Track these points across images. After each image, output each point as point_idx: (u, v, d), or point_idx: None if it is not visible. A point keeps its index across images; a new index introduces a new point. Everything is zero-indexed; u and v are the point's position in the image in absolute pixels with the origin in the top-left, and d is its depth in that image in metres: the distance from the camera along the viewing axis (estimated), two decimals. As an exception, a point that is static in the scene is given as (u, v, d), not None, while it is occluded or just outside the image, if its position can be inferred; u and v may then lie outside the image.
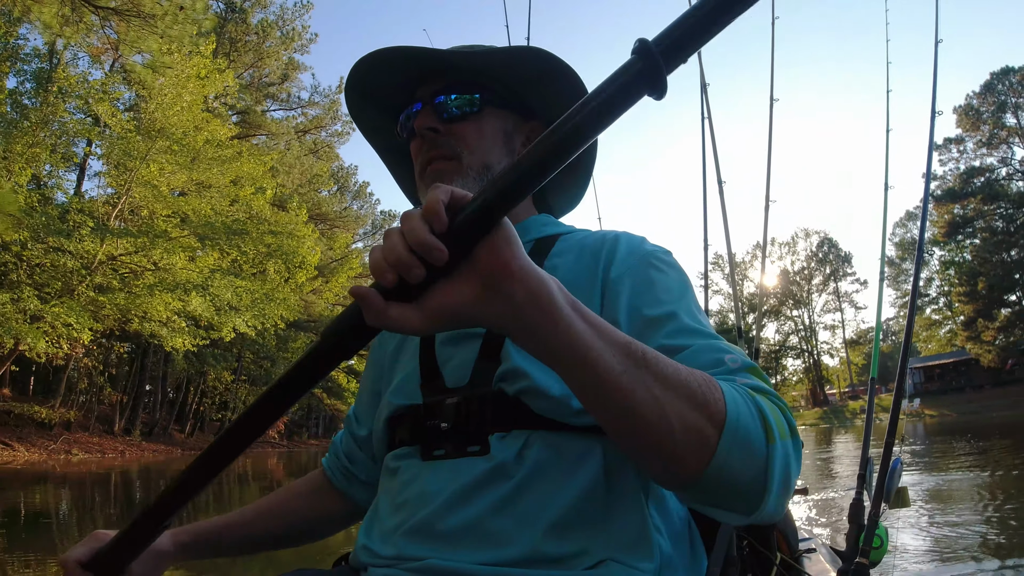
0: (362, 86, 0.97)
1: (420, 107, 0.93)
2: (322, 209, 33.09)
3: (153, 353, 23.50)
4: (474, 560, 0.70)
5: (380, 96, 0.99)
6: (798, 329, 58.73)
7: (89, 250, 14.29)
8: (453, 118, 0.91)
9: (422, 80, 0.95)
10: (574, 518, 0.71)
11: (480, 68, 0.93)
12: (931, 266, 44.97)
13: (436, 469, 0.79)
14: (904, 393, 2.34)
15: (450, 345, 0.87)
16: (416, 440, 0.83)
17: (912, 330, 2.37)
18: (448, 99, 0.91)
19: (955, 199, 38.94)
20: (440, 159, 0.91)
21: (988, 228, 38.11)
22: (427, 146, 0.91)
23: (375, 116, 1.02)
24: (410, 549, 0.75)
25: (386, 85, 0.96)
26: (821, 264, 58.12)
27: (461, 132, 0.91)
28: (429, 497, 0.77)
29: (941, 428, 22.45)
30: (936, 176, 40.53)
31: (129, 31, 11.41)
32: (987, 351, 36.52)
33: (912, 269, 2.47)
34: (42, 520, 6.85)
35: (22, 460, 14.35)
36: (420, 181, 0.94)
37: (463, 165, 0.90)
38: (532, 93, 0.96)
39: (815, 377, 56.59)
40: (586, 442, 0.76)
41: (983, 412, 30.03)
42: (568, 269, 0.86)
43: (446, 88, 0.92)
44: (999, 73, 39.11)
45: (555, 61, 0.92)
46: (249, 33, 27.90)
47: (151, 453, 20.11)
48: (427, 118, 0.91)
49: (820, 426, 33.04)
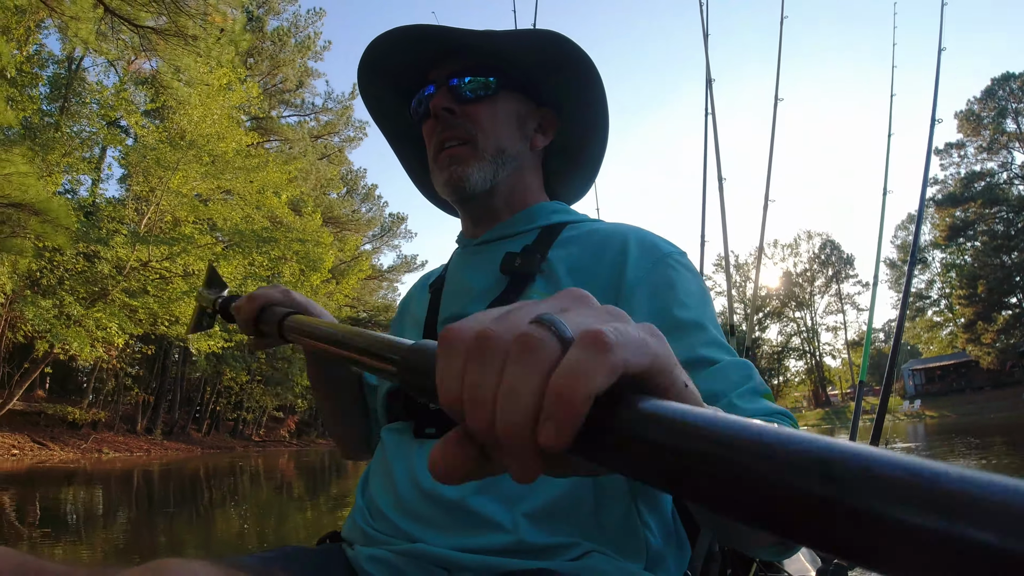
0: (376, 64, 0.96)
1: (434, 89, 0.92)
2: (334, 212, 33.68)
3: (174, 355, 24.16)
4: (461, 546, 0.71)
5: (393, 77, 0.98)
6: (800, 331, 59.09)
7: (122, 256, 14.89)
8: (468, 100, 0.91)
9: (436, 62, 0.94)
10: (561, 507, 0.71)
11: (497, 50, 0.92)
12: (932, 268, 45.35)
13: (426, 447, 0.79)
14: (888, 400, 2.34)
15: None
16: (410, 417, 0.85)
17: (900, 342, 2.40)
18: (463, 81, 0.91)
19: (956, 203, 39.36)
20: (454, 141, 0.91)
21: (988, 232, 38.55)
22: (441, 127, 0.91)
23: (387, 98, 1.02)
24: (402, 523, 0.76)
25: (400, 64, 0.95)
26: (823, 266, 58.48)
27: (476, 114, 0.91)
28: (417, 473, 0.78)
29: (941, 429, 22.83)
30: (938, 180, 41.03)
31: (168, 49, 11.93)
32: (986, 353, 36.95)
33: (915, 272, 2.54)
34: (119, 512, 7.41)
35: (57, 459, 14.94)
36: (433, 163, 0.94)
37: (478, 149, 0.91)
38: (546, 78, 0.96)
39: (817, 378, 56.94)
40: None
41: (982, 413, 30.39)
42: (576, 260, 0.86)
43: (462, 70, 0.91)
44: (1000, 79, 39.53)
45: (572, 47, 0.91)
46: (265, 40, 28.50)
47: (174, 451, 20.70)
48: (443, 99, 0.90)
49: (822, 426, 33.20)
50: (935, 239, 41.40)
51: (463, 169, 0.90)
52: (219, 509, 8.05)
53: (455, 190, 0.92)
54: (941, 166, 41.14)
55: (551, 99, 0.98)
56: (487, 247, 0.95)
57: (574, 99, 0.98)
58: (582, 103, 0.98)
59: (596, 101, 0.98)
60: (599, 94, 0.97)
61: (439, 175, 0.92)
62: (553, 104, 0.99)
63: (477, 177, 0.91)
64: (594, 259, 0.85)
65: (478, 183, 0.91)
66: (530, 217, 0.95)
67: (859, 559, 0.20)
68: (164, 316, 15.37)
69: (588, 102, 0.98)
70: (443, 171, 0.91)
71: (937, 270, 44.96)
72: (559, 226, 0.93)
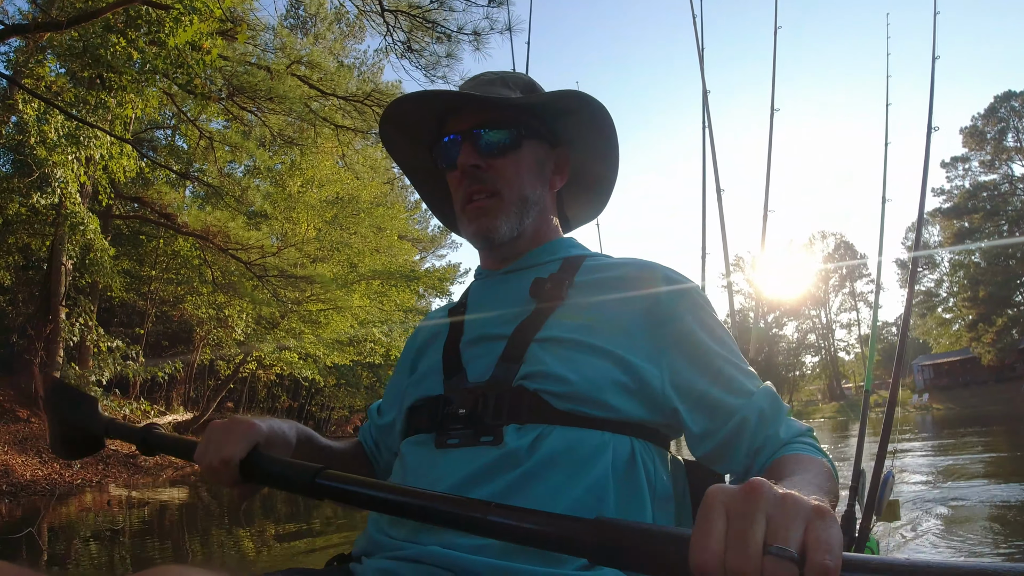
0: (395, 119, 1.00)
1: (460, 140, 0.94)
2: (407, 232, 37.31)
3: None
4: (474, 545, 0.71)
5: (411, 127, 1.02)
6: (816, 328, 61.55)
7: (288, 297, 18.95)
8: (493, 154, 0.93)
9: (456, 109, 0.97)
10: (580, 512, 0.70)
11: (520, 105, 0.95)
12: (942, 268, 47.50)
13: (448, 456, 0.81)
14: (897, 400, 2.39)
15: (475, 344, 0.91)
16: (432, 428, 0.86)
17: (905, 345, 2.46)
18: (487, 133, 0.93)
19: (960, 215, 41.74)
20: (482, 195, 0.94)
21: (989, 240, 40.70)
22: (468, 181, 0.94)
23: (406, 146, 1.06)
24: (419, 532, 0.76)
25: (417, 119, 1.00)
26: (836, 264, 60.61)
27: (502, 168, 0.94)
28: (438, 481, 0.78)
29: (946, 420, 24.36)
30: (944, 191, 43.27)
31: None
32: (987, 351, 39.02)
33: (925, 272, 3.56)
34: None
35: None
36: (461, 213, 0.97)
37: (504, 201, 0.94)
38: (563, 123, 1.00)
39: (832, 373, 59.37)
40: (600, 439, 0.78)
41: (983, 406, 32.17)
42: (603, 288, 0.91)
43: (486, 122, 0.93)
44: (1001, 97, 41.51)
45: (589, 100, 0.95)
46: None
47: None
48: (470, 155, 0.92)
49: (837, 419, 34.01)
50: (942, 242, 43.43)
51: (491, 222, 0.94)
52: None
53: (485, 241, 0.96)
54: (947, 178, 43.40)
55: (564, 138, 1.02)
56: (513, 276, 0.99)
57: (586, 135, 1.03)
58: (594, 136, 1.03)
59: (607, 129, 1.02)
60: (609, 122, 1.00)
61: (468, 226, 0.96)
62: (567, 143, 1.03)
63: (505, 229, 0.95)
64: (621, 284, 0.90)
65: (505, 234, 0.95)
66: (553, 250, 1.00)
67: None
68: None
69: (600, 134, 1.03)
70: (471, 223, 0.96)
71: (946, 269, 46.34)
72: (580, 258, 0.98)
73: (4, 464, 9.20)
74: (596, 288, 0.91)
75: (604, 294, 0.90)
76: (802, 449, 0.80)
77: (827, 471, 0.75)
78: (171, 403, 19.92)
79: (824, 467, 0.76)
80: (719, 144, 2.96)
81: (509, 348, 0.86)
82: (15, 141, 10.22)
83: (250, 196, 15.30)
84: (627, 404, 0.83)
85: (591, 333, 0.85)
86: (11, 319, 15.30)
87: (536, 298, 0.92)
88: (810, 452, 0.80)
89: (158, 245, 17.18)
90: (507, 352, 0.86)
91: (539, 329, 0.87)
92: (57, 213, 10.81)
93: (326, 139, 14.25)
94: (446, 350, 0.94)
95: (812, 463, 0.75)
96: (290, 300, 17.63)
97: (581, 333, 0.86)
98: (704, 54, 3.20)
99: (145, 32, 8.02)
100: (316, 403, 33.79)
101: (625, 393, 0.83)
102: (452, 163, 0.96)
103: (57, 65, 10.12)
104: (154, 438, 0.89)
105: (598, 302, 0.90)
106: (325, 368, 31.30)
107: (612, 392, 0.82)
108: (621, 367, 0.84)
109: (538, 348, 0.84)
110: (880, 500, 2.10)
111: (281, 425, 0.89)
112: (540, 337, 0.86)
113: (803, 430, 0.84)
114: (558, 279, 0.93)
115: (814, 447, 0.82)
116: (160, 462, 13.13)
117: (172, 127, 18.45)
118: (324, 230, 18.97)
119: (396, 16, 9.27)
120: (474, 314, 0.98)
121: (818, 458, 0.78)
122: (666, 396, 0.85)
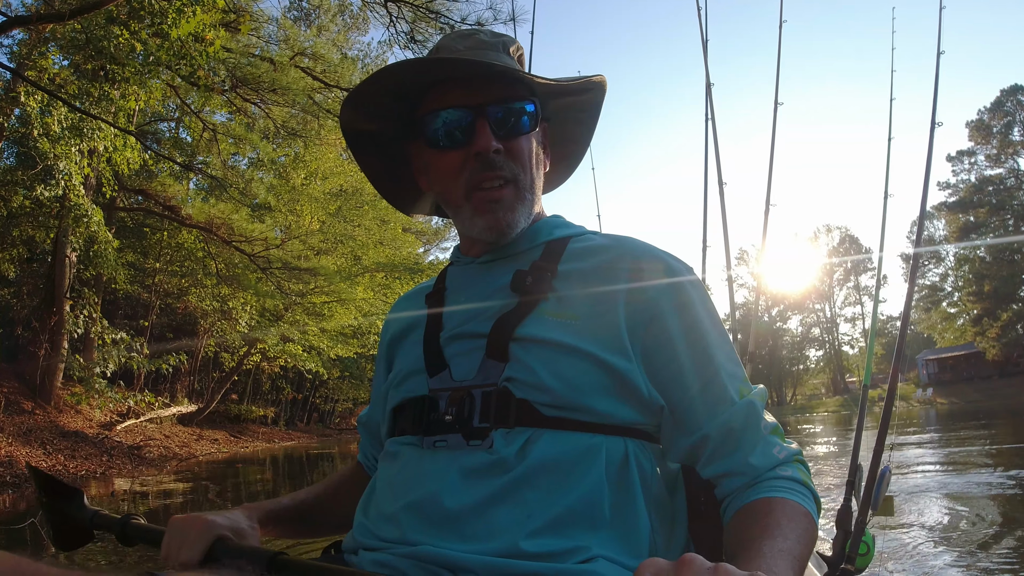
0: (386, 83, 0.85)
1: (469, 116, 0.82)
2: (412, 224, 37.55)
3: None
4: (466, 548, 0.70)
5: (387, 91, 0.87)
6: (820, 321, 61.43)
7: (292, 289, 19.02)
8: (511, 135, 0.84)
9: (460, 79, 0.84)
10: (574, 516, 0.71)
11: (549, 87, 0.87)
12: (947, 262, 47.52)
13: (436, 457, 0.78)
14: (895, 398, 2.40)
15: (457, 340, 0.85)
16: (419, 430, 0.82)
17: (904, 344, 2.48)
18: (507, 112, 0.84)
19: (966, 208, 41.70)
20: (497, 182, 0.84)
21: (995, 235, 40.91)
22: (480, 166, 0.83)
23: (362, 108, 0.90)
24: (409, 532, 0.74)
25: (404, 87, 0.86)
26: (840, 257, 59.49)
27: (517, 152, 0.85)
28: (427, 482, 0.76)
29: (950, 414, 24.17)
30: (950, 185, 43.12)
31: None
32: (992, 346, 39.14)
33: (930, 266, 3.61)
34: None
35: (251, 447, 19.21)
36: (464, 203, 0.86)
37: (520, 189, 0.85)
38: (559, 101, 0.94)
39: (836, 367, 59.29)
40: (591, 442, 0.76)
41: (987, 400, 32.17)
42: (588, 274, 0.84)
43: (504, 99, 0.83)
44: (1008, 91, 41.31)
45: (604, 91, 0.94)
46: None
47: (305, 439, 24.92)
48: (489, 137, 0.81)
49: (840, 413, 33.68)
50: (947, 236, 43.42)
51: (510, 216, 0.85)
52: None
53: (500, 236, 0.87)
54: (953, 172, 43.23)
55: (548, 113, 0.94)
56: (492, 265, 0.92)
57: (577, 114, 0.99)
58: (584, 117, 1.00)
59: (596, 115, 0.99)
60: (599, 108, 0.97)
61: (478, 219, 0.85)
62: (550, 116, 0.95)
63: (522, 222, 0.87)
64: (606, 274, 0.83)
65: (521, 227, 0.88)
66: (535, 234, 0.91)
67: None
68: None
69: (592, 117, 1.00)
70: (484, 215, 0.85)
71: (951, 264, 46.43)
72: (563, 240, 0.90)
73: (8, 455, 9.27)
74: (580, 279, 0.85)
75: (589, 286, 0.84)
76: (780, 490, 0.74)
77: (803, 529, 0.69)
78: (175, 395, 20.07)
79: (801, 523, 0.70)
80: (722, 137, 2.96)
81: (492, 347, 0.82)
82: (19, 133, 10.28)
83: (254, 188, 15.37)
84: (615, 408, 0.80)
85: (575, 334, 0.81)
86: (16, 311, 15.41)
87: (517, 292, 0.85)
88: (790, 495, 0.73)
89: (162, 237, 17.27)
90: (490, 351, 0.82)
91: (521, 327, 0.83)
92: (61, 205, 10.89)
93: (330, 131, 14.28)
94: (427, 345, 0.88)
95: (787, 519, 0.69)
96: (294, 292, 17.73)
97: (564, 334, 0.81)
98: (708, 47, 3.18)
99: (148, 23, 8.03)
100: (320, 395, 34.11)
101: (612, 397, 0.80)
102: (458, 143, 0.84)
103: (60, 57, 10.18)
104: (132, 529, 0.89)
105: (582, 296, 0.84)
106: (329, 360, 31.65)
107: (598, 397, 0.79)
108: (605, 370, 0.80)
109: (521, 350, 0.80)
110: (877, 495, 2.09)
111: (239, 515, 0.87)
112: (522, 336, 0.82)
113: (784, 457, 0.78)
114: (540, 270, 0.86)
115: (796, 485, 0.75)
116: (164, 454, 13.38)
117: (176, 119, 18.54)
118: (328, 222, 19.06)
119: (399, 6, 9.24)
120: (453, 305, 0.91)
121: (799, 507, 0.72)
122: (652, 397, 0.82)
